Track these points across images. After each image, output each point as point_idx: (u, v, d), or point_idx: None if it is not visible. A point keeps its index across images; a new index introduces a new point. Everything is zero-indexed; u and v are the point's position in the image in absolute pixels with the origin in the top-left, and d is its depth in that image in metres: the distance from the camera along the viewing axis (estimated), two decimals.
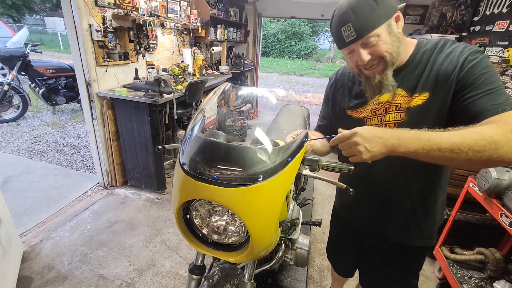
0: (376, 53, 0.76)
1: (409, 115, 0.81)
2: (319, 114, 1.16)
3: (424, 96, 0.78)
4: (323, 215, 2.54)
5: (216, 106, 1.14)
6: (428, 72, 0.78)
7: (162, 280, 1.75)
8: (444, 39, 0.81)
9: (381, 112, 0.87)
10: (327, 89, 1.07)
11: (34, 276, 1.71)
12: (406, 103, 0.81)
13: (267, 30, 18.27)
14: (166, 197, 2.62)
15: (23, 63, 4.02)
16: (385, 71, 0.79)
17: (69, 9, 2.06)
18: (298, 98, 8.05)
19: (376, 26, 0.73)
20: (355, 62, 0.81)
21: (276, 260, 1.07)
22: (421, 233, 0.95)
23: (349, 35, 0.75)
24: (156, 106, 2.31)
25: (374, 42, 0.74)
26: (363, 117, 0.90)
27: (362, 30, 0.73)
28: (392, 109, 0.84)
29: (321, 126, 1.13)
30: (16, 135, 3.82)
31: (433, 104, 0.77)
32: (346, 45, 0.78)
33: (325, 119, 1.11)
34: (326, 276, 1.88)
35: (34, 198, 2.47)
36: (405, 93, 0.81)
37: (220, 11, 4.22)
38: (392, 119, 0.84)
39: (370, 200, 0.99)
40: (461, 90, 0.72)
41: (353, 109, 0.94)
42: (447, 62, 0.75)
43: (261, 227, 0.72)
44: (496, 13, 2.34)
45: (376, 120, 0.88)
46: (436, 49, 0.79)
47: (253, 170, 0.67)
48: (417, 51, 0.81)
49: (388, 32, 0.75)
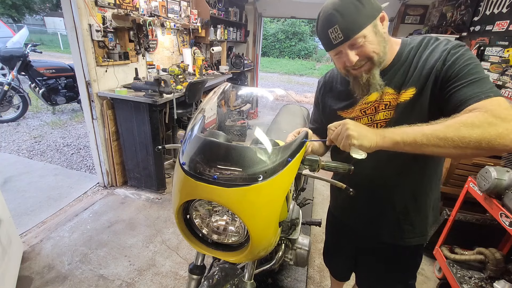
0: (364, 54, 0.77)
1: (397, 112, 0.82)
2: (310, 118, 1.16)
3: (410, 91, 0.79)
4: (323, 215, 2.54)
5: (216, 106, 1.14)
6: (413, 69, 0.79)
7: (162, 280, 1.75)
8: (427, 36, 0.82)
9: (371, 112, 0.88)
10: (316, 92, 1.09)
11: (34, 276, 1.71)
12: (395, 100, 0.82)
13: (267, 30, 18.26)
14: (166, 197, 2.62)
15: (23, 63, 4.02)
16: (372, 71, 0.80)
17: (69, 9, 2.06)
18: (298, 98, 8.05)
19: (362, 27, 0.73)
20: (343, 63, 0.81)
21: (276, 260, 1.07)
22: (413, 230, 0.95)
23: (336, 37, 0.75)
24: (156, 106, 2.31)
25: (361, 43, 0.75)
26: (353, 117, 0.91)
27: (349, 32, 0.73)
28: (381, 108, 0.85)
29: (312, 130, 1.12)
30: (16, 135, 3.82)
31: (420, 99, 0.78)
32: (333, 47, 0.78)
33: (316, 122, 1.11)
34: (326, 276, 1.88)
35: (34, 198, 2.47)
36: (393, 91, 0.82)
37: (220, 11, 4.22)
38: (382, 117, 0.85)
39: (362, 201, 1.00)
40: (445, 82, 0.73)
41: (343, 110, 0.95)
42: (431, 57, 0.76)
43: (261, 227, 0.72)
44: (496, 13, 2.33)
45: (367, 120, 0.89)
46: (421, 47, 0.80)
47: (253, 170, 0.67)
48: (403, 49, 0.83)
49: (374, 32, 0.75)
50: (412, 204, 0.93)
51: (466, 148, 0.61)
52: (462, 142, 0.61)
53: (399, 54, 0.83)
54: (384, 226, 0.98)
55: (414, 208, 0.93)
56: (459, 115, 0.65)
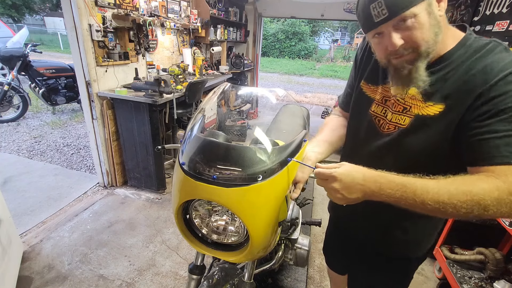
0: (411, 39, 0.62)
1: (413, 124, 0.70)
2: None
3: (438, 107, 0.65)
4: (323, 215, 2.54)
5: (216, 106, 1.14)
6: (455, 79, 0.63)
7: (162, 280, 1.75)
8: (495, 41, 0.65)
9: (391, 105, 0.75)
10: (357, 50, 0.92)
11: (34, 276, 1.71)
12: (417, 108, 0.69)
13: (267, 30, 18.28)
14: (166, 197, 2.62)
15: (23, 63, 4.02)
16: (417, 63, 0.65)
17: (69, 9, 2.06)
18: (298, 98, 8.04)
19: (413, 3, 0.58)
20: (384, 49, 0.67)
21: (276, 260, 1.07)
22: (406, 244, 0.88)
23: (380, 13, 0.61)
24: (156, 106, 2.31)
25: (409, 24, 0.60)
26: (373, 98, 0.81)
27: (396, 7, 0.59)
28: (399, 109, 0.73)
29: (346, 95, 0.99)
30: (16, 135, 3.82)
31: (443, 121, 0.64)
32: (374, 26, 0.63)
33: (350, 88, 0.97)
34: (326, 276, 1.88)
35: (34, 198, 2.47)
36: (421, 97, 0.68)
37: (220, 11, 4.22)
38: (394, 120, 0.74)
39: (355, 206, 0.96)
40: (479, 116, 0.59)
41: (368, 83, 0.84)
42: (481, 73, 0.60)
43: (260, 227, 0.72)
44: (496, 13, 2.33)
45: (380, 111, 0.79)
46: (481, 52, 0.63)
47: (253, 170, 0.67)
48: (459, 48, 0.65)
49: (428, 12, 0.60)
50: (404, 216, 0.81)
51: (462, 217, 0.57)
52: (461, 215, 0.56)
53: (451, 52, 0.65)
54: (375, 233, 0.92)
55: (407, 220, 0.85)
56: (472, 181, 0.56)
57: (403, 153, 0.74)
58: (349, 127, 0.97)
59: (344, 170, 0.62)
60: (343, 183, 0.61)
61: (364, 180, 0.61)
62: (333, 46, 21.24)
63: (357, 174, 0.62)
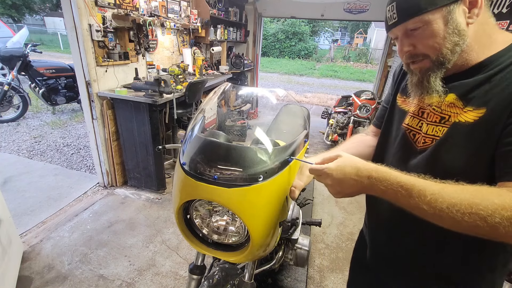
0: (419, 47, 0.59)
1: (450, 133, 0.60)
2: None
3: (478, 112, 0.57)
4: (323, 215, 2.54)
5: (216, 106, 1.14)
6: (498, 82, 0.56)
7: (162, 280, 1.75)
8: None
9: (426, 116, 0.67)
10: (394, 74, 0.87)
11: (34, 276, 1.71)
12: (455, 115, 0.60)
13: (267, 30, 18.29)
14: (166, 197, 2.62)
15: (23, 63, 4.02)
16: (430, 72, 0.61)
17: (69, 9, 2.06)
18: (298, 98, 8.05)
19: (423, 10, 0.55)
20: (399, 53, 0.65)
21: (276, 260, 1.07)
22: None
23: (392, 17, 0.60)
24: (156, 106, 2.31)
25: (419, 31, 0.58)
26: (407, 111, 0.74)
27: (404, 13, 0.57)
28: (435, 120, 0.64)
29: (380, 111, 0.92)
30: (16, 135, 3.82)
31: (483, 127, 0.56)
32: (388, 29, 0.63)
33: (385, 103, 0.90)
34: (326, 276, 1.88)
35: (34, 198, 2.47)
36: (461, 103, 0.60)
37: (220, 11, 4.22)
38: (431, 132, 0.64)
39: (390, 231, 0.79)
40: None
41: (403, 95, 0.78)
42: None
43: (261, 227, 0.72)
44: (496, 13, 2.33)
45: (415, 124, 0.69)
46: None
47: (253, 170, 0.67)
48: (506, 52, 0.58)
49: (445, 20, 0.55)
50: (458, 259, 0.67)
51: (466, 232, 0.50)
52: (481, 232, 0.49)
53: (497, 56, 0.58)
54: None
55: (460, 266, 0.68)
56: (484, 193, 0.49)
57: (440, 169, 0.61)
58: (378, 144, 0.86)
59: (336, 166, 0.60)
60: (336, 179, 0.59)
61: (358, 175, 0.58)
62: (333, 46, 21.25)
63: (350, 169, 0.58)
